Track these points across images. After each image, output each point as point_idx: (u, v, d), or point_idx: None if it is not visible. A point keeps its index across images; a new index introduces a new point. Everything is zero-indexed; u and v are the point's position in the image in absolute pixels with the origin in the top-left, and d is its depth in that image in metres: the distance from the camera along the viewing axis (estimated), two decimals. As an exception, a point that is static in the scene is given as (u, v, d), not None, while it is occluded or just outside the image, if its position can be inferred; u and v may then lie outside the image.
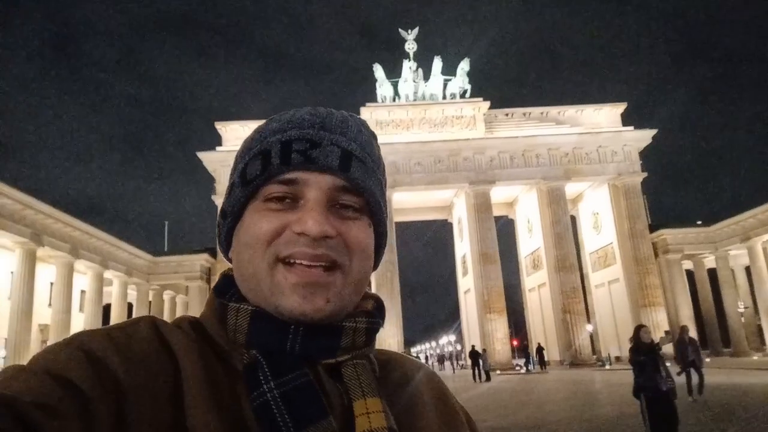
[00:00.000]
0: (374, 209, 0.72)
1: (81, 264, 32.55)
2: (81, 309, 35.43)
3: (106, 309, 37.30)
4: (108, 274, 35.59)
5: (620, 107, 41.60)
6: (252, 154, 0.71)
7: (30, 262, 27.48)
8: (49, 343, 0.55)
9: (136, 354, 0.59)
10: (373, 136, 0.77)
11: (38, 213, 27.27)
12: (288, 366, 0.63)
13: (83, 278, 34.71)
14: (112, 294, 37.35)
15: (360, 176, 0.69)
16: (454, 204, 45.08)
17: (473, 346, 31.95)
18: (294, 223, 0.66)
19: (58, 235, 29.58)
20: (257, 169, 0.69)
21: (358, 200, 0.70)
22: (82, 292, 35.55)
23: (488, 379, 27.39)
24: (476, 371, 28.09)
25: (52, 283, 31.94)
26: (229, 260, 0.74)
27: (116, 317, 37.18)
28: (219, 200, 39.14)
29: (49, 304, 31.73)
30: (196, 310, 40.54)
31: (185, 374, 0.60)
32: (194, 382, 0.60)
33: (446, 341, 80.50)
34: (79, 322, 33.60)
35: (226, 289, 0.71)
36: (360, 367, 0.68)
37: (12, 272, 28.05)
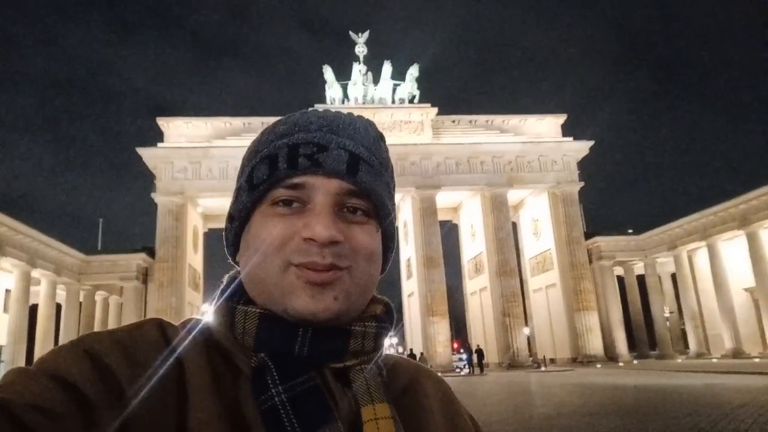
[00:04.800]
0: (382, 213, 0.72)
1: (6, 262, 30.65)
2: (5, 309, 33.40)
3: (33, 309, 35.27)
4: (36, 273, 33.68)
5: (561, 118, 43.28)
6: (259, 157, 0.71)
7: (-52, 258, 25.68)
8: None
9: (141, 357, 0.59)
10: (381, 138, 0.77)
11: (-41, 206, 25.53)
12: (296, 370, 0.63)
13: (8, 277, 32.73)
14: (40, 294, 35.39)
15: (367, 180, 0.69)
16: (400, 208, 45.48)
17: (411, 350, 32.65)
18: (302, 228, 0.65)
19: (-19, 230, 27.78)
20: (264, 173, 0.68)
21: (366, 204, 0.69)
22: (7, 291, 33.51)
23: None
24: None
25: (-28, 282, 29.95)
26: (236, 263, 0.75)
27: (44, 318, 35.25)
28: (159, 198, 37.81)
29: (-31, 304, 29.73)
30: (130, 312, 38.96)
31: (190, 377, 0.60)
32: (199, 386, 0.60)
33: (388, 344, 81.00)
34: (3, 323, 31.66)
35: (233, 292, 0.70)
36: (368, 371, 0.68)
37: (-73, 269, 26.11)
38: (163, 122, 40.22)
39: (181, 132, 39.63)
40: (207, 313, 0.74)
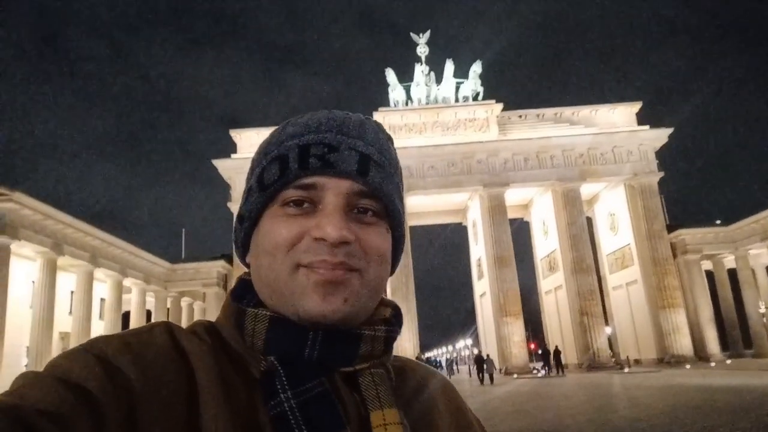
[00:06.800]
0: (392, 214, 0.72)
1: (100, 272, 33.08)
2: (101, 317, 35.99)
3: (126, 316, 37.80)
4: (127, 282, 36.12)
5: (635, 106, 41.21)
6: (269, 158, 0.70)
7: (51, 271, 28.00)
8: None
9: (151, 360, 0.59)
10: (390, 140, 0.78)
11: (59, 223, 27.78)
12: (305, 374, 0.62)
13: (103, 286, 35.28)
14: (131, 301, 37.87)
15: (378, 181, 0.69)
16: (468, 207, 44.96)
17: (479, 351, 32.82)
18: (313, 228, 0.65)
19: (78, 244, 30.10)
20: (275, 173, 0.68)
21: (376, 205, 0.69)
22: (102, 299, 36.11)
23: (491, 382, 28.76)
24: (481, 375, 29.72)
25: (72, 292, 32.51)
26: (246, 265, 0.75)
27: (135, 324, 37.59)
28: (235, 207, 39.45)
29: (70, 313, 32.30)
30: (213, 316, 40.63)
31: (200, 380, 0.60)
32: (209, 389, 0.59)
33: (462, 345, 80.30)
34: (99, 330, 34.11)
35: (243, 294, 0.70)
36: (377, 376, 0.67)
37: (33, 281, 28.61)
38: (235, 134, 41.98)
39: (252, 142, 41.13)
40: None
